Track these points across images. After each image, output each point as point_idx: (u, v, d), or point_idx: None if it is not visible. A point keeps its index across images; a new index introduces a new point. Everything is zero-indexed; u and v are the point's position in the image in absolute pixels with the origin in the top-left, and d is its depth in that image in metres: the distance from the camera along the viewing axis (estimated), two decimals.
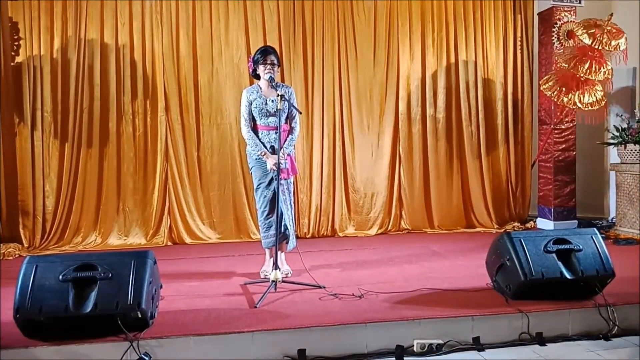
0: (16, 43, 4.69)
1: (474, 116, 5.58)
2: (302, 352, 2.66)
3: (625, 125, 5.23)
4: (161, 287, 3.03)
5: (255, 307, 3.03)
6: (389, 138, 5.43)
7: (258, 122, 3.67)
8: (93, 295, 2.56)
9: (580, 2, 5.49)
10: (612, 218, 5.49)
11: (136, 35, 4.90)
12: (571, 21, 5.44)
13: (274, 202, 3.54)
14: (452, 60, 5.55)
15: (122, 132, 4.89)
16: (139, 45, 4.91)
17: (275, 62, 3.65)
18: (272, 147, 3.61)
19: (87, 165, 4.82)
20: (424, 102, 5.50)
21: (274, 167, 3.47)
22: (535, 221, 5.70)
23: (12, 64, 4.66)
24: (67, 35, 4.75)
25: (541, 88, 5.35)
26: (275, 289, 3.26)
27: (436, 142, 5.54)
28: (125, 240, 4.87)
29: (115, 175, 4.88)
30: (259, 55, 3.64)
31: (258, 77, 3.71)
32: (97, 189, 4.84)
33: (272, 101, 3.60)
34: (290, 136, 3.68)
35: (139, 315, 2.59)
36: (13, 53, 4.68)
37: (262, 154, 3.59)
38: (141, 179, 4.93)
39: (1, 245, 4.52)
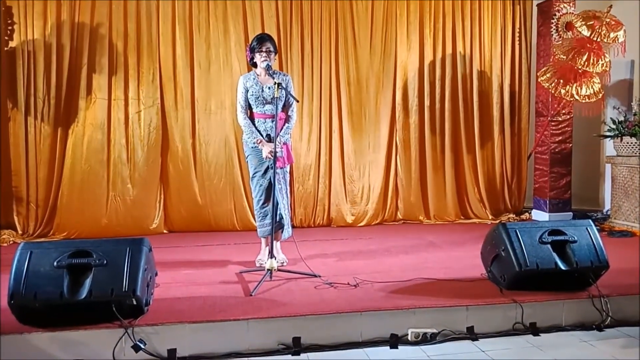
0: (10, 27, 4.63)
1: (471, 107, 5.57)
2: (297, 340, 2.67)
3: (622, 118, 5.24)
4: (156, 274, 3.02)
5: (251, 295, 3.03)
6: (385, 128, 5.42)
7: (254, 110, 3.65)
8: (88, 282, 2.55)
9: None
10: (607, 210, 5.52)
11: (130, 20, 4.84)
12: (570, 13, 5.42)
13: (269, 191, 3.53)
14: (450, 51, 5.52)
15: (114, 119, 4.83)
16: (133, 30, 4.84)
17: (272, 49, 3.62)
18: (268, 135, 3.59)
19: (79, 152, 4.76)
20: (421, 93, 5.48)
21: (270, 156, 3.46)
22: (530, 213, 5.72)
23: (5, 48, 4.61)
24: (61, 20, 4.69)
25: (539, 79, 5.35)
26: (271, 277, 3.27)
27: (433, 133, 5.53)
28: (119, 228, 4.81)
29: (106, 163, 4.82)
30: (255, 43, 3.60)
31: (256, 65, 3.68)
32: (88, 176, 4.78)
33: (269, 88, 3.58)
34: (286, 124, 3.65)
35: (134, 302, 2.59)
36: (7, 38, 4.62)
37: (258, 142, 3.57)
38: (134, 166, 4.88)
39: None
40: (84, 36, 4.74)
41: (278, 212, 3.57)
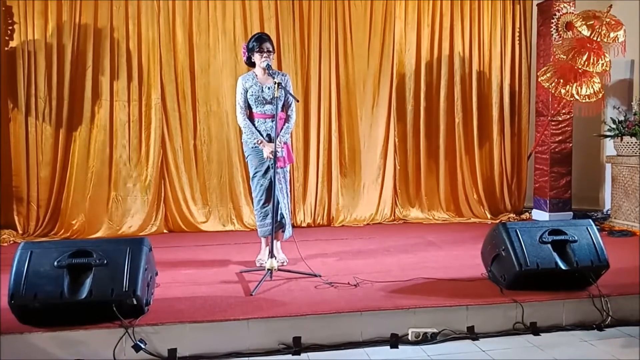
0: (10, 27, 4.62)
1: (470, 107, 5.57)
2: (297, 339, 2.67)
3: (622, 118, 5.24)
4: (157, 274, 3.02)
5: (251, 295, 3.03)
6: (383, 128, 5.42)
7: (254, 110, 3.64)
8: (88, 282, 2.55)
9: None
10: (607, 210, 5.51)
11: (131, 21, 4.85)
12: (570, 12, 5.42)
13: (270, 190, 3.53)
14: (447, 51, 5.52)
15: (116, 119, 4.83)
16: (134, 31, 4.85)
17: (271, 49, 3.61)
18: (268, 135, 3.59)
19: (80, 152, 4.77)
20: (419, 93, 5.48)
21: (270, 156, 3.45)
22: (530, 213, 5.72)
23: (6, 48, 4.61)
24: (62, 21, 4.69)
25: (539, 79, 5.35)
26: (271, 277, 3.27)
27: (432, 133, 5.53)
28: (119, 228, 4.83)
29: (108, 163, 4.82)
30: (255, 43, 3.59)
31: (252, 64, 3.68)
32: (89, 176, 4.78)
33: (269, 88, 3.58)
34: (286, 124, 3.65)
35: (134, 302, 2.59)
36: (7, 37, 4.62)
37: (259, 142, 3.57)
38: (135, 166, 4.89)
39: None
40: (85, 37, 4.74)
41: (279, 212, 3.57)
